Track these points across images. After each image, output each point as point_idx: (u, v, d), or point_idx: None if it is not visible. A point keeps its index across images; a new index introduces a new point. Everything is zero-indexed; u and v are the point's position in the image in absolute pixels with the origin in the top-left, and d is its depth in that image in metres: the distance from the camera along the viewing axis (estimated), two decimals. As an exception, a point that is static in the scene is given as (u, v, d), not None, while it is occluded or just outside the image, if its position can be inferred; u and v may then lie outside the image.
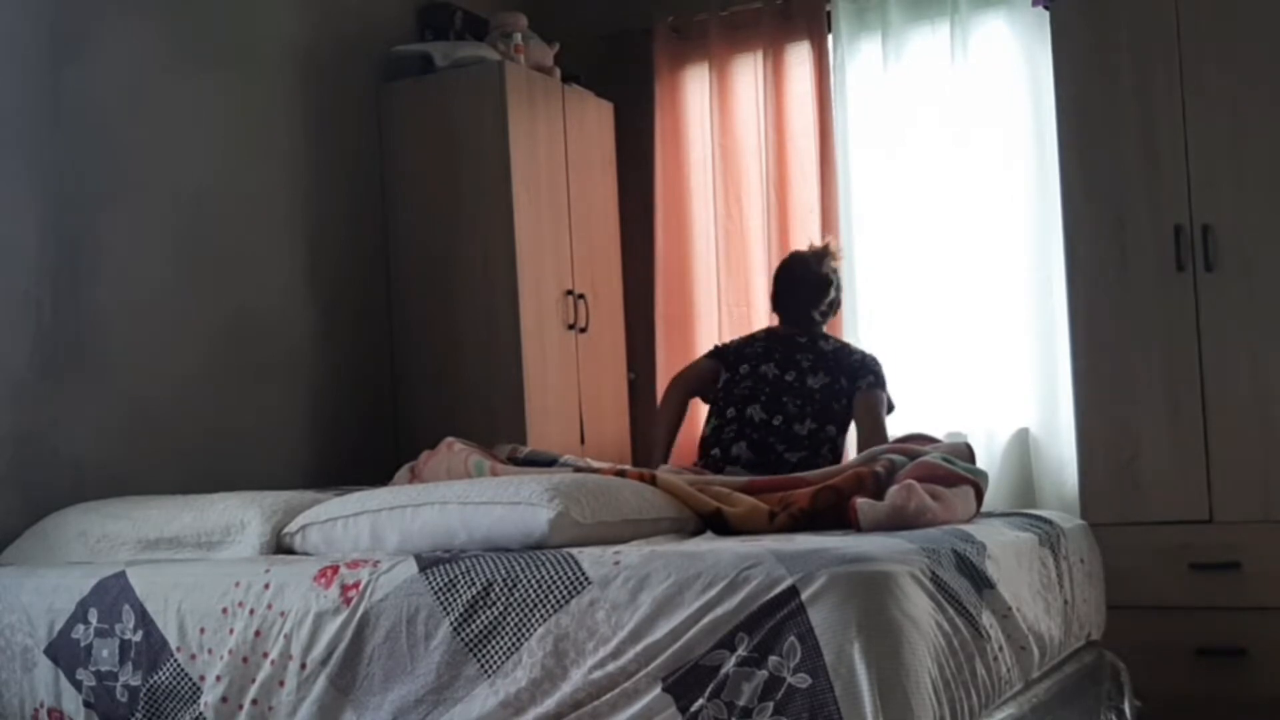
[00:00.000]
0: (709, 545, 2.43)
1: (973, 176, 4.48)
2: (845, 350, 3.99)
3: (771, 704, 2.11)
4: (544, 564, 2.36)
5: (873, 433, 3.84)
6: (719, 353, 4.11)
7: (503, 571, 2.39)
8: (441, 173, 4.35)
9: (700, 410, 4.81)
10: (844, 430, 3.90)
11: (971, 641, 2.33)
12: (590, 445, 4.49)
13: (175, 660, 2.65)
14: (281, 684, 2.53)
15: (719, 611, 2.17)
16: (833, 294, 4.03)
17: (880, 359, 4.02)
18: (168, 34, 3.72)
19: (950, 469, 2.95)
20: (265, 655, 2.55)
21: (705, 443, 3.98)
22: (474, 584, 2.39)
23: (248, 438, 3.87)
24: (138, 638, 2.70)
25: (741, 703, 2.13)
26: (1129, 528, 3.76)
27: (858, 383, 3.88)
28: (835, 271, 4.05)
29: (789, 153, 4.74)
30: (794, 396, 3.86)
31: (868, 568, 2.16)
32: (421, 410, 4.35)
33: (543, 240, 4.38)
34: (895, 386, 4.09)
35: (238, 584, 2.64)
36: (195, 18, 3.80)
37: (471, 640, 2.37)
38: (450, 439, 3.43)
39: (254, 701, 2.55)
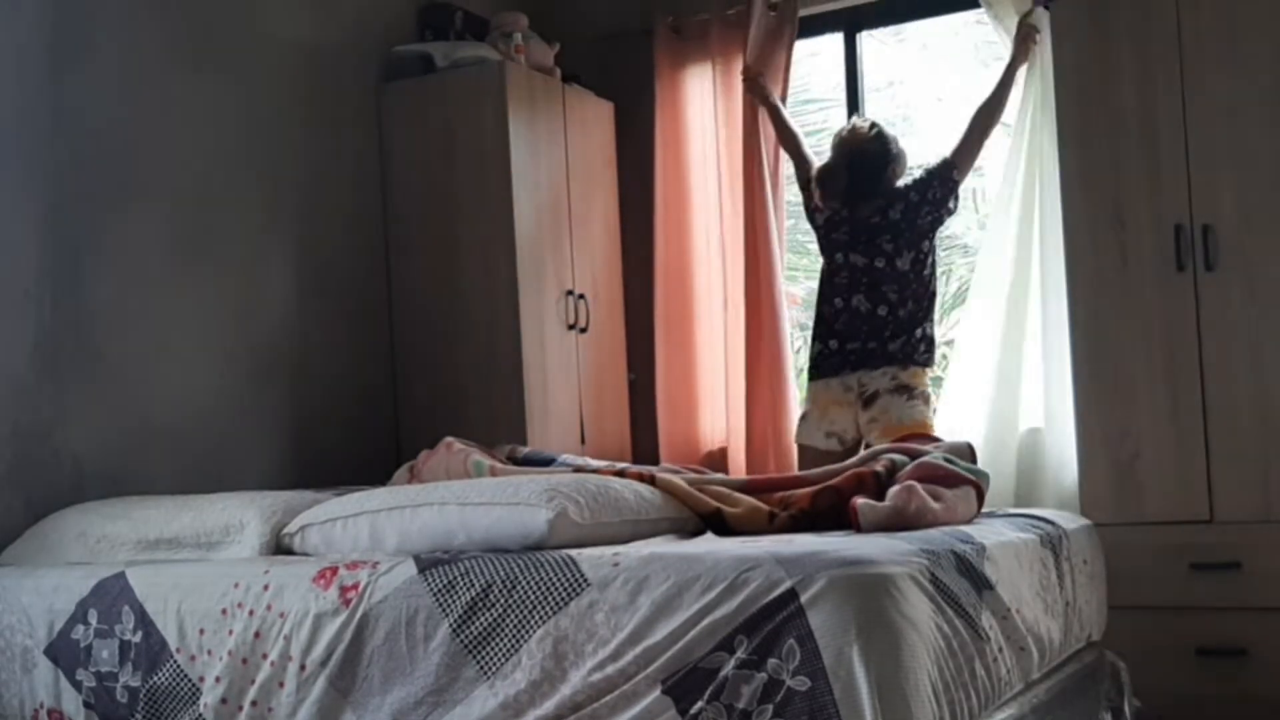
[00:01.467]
0: (708, 547, 2.42)
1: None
2: (911, 207, 4.10)
3: (771, 706, 2.11)
4: (543, 565, 2.36)
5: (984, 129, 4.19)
6: (810, 216, 4.28)
7: (502, 573, 2.39)
8: (441, 173, 4.35)
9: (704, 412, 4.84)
10: (933, 291, 4.13)
11: (971, 643, 2.33)
12: (590, 445, 4.49)
13: (175, 661, 2.65)
14: (281, 685, 2.53)
15: (718, 614, 2.17)
16: (896, 165, 4.18)
17: (919, 176, 4.17)
18: (168, 34, 3.72)
19: (951, 469, 2.94)
20: (265, 656, 2.55)
21: (821, 340, 4.17)
22: (473, 585, 2.39)
23: (248, 438, 3.87)
24: (137, 638, 2.70)
25: (741, 705, 2.13)
26: (1129, 528, 3.76)
27: (946, 209, 4.11)
28: (889, 140, 4.18)
29: (789, 152, 4.73)
30: (890, 283, 4.08)
31: (867, 570, 2.16)
32: (421, 410, 4.35)
33: (543, 240, 4.38)
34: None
35: (237, 585, 2.64)
36: (195, 18, 3.80)
37: (471, 642, 2.37)
38: (449, 439, 3.43)
39: (254, 703, 2.55)
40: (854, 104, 4.75)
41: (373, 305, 4.38)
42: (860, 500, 2.73)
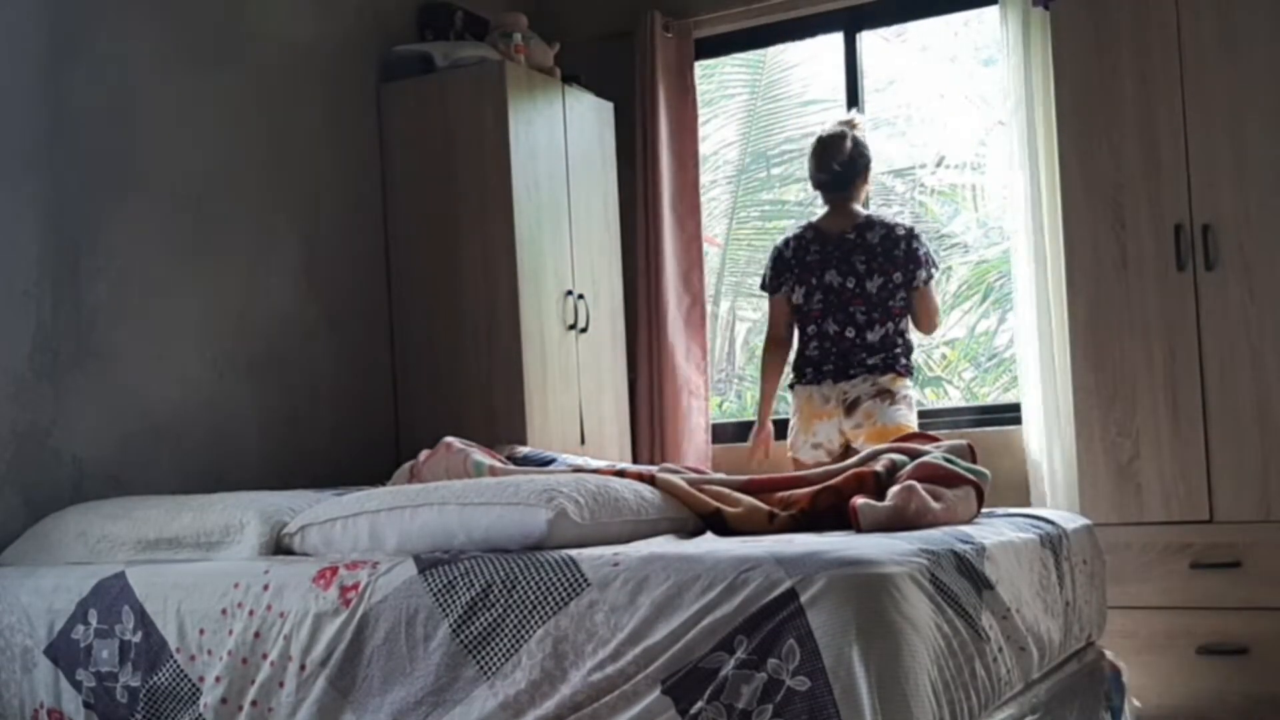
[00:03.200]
0: (708, 547, 2.42)
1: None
2: (890, 238, 4.18)
3: (771, 706, 2.11)
4: (543, 566, 2.36)
5: (926, 317, 4.22)
6: (779, 272, 4.29)
7: (502, 573, 2.39)
8: (441, 173, 4.35)
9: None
10: (905, 316, 4.20)
11: (971, 643, 2.33)
12: (590, 445, 4.49)
13: (175, 661, 2.65)
14: (281, 685, 2.53)
15: (718, 614, 2.17)
16: (862, 163, 4.25)
17: (917, 231, 4.22)
18: (168, 34, 3.72)
19: (952, 469, 2.94)
20: (264, 656, 2.55)
21: (799, 360, 4.26)
22: (473, 585, 2.39)
23: (248, 438, 3.87)
24: (137, 638, 2.70)
25: (741, 705, 2.13)
26: (1129, 528, 3.76)
27: (913, 282, 4.16)
28: (860, 142, 4.25)
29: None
30: (859, 303, 4.15)
31: (867, 570, 2.16)
32: (421, 410, 4.36)
33: (543, 240, 4.38)
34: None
35: (237, 585, 2.64)
36: (195, 18, 3.80)
37: (470, 642, 2.37)
38: (449, 439, 3.43)
39: (253, 703, 2.55)
40: (854, 104, 4.75)
41: (373, 305, 4.38)
42: (860, 500, 2.72)
